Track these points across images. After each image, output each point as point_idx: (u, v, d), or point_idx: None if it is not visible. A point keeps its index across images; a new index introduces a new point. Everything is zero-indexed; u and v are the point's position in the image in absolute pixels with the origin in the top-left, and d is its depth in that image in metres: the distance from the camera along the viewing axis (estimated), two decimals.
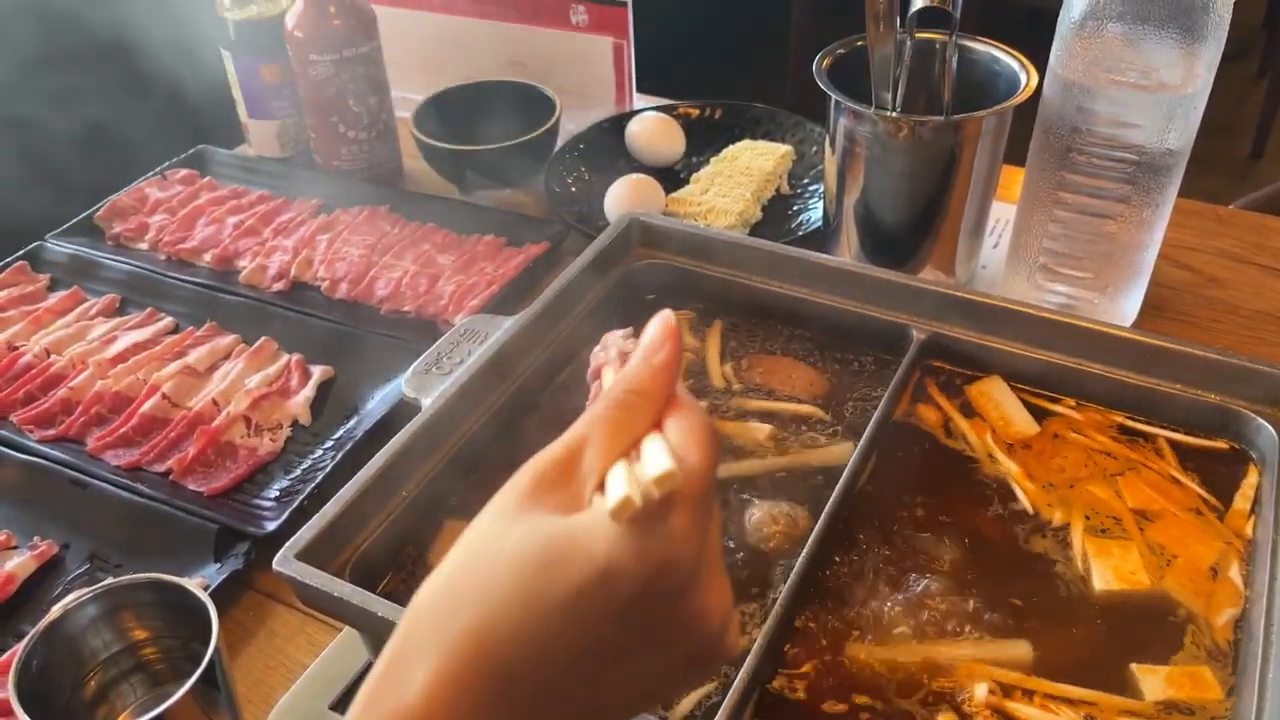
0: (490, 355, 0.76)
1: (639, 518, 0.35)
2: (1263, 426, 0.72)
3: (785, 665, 0.61)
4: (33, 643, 0.59)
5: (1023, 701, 0.59)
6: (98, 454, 0.86)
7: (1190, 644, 0.62)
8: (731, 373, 0.82)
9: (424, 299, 1.00)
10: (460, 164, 1.15)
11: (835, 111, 0.91)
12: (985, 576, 0.66)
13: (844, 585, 0.65)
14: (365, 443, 0.84)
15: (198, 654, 0.58)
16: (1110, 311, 0.91)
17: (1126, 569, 0.66)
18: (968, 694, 0.59)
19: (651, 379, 0.40)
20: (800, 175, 1.16)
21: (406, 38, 1.27)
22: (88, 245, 1.11)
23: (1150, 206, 0.85)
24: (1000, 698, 0.59)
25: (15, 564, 0.77)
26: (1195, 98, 0.80)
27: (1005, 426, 0.76)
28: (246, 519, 0.79)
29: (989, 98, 0.89)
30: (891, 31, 0.85)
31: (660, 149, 1.19)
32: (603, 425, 0.39)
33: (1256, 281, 1.00)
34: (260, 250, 1.09)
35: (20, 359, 0.96)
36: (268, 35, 1.14)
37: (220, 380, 0.93)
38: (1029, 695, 0.59)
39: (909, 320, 0.81)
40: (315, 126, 1.17)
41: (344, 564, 0.64)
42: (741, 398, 0.80)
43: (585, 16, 1.21)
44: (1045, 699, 0.59)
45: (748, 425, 0.77)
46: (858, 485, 0.71)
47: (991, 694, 0.59)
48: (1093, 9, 0.79)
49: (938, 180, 0.89)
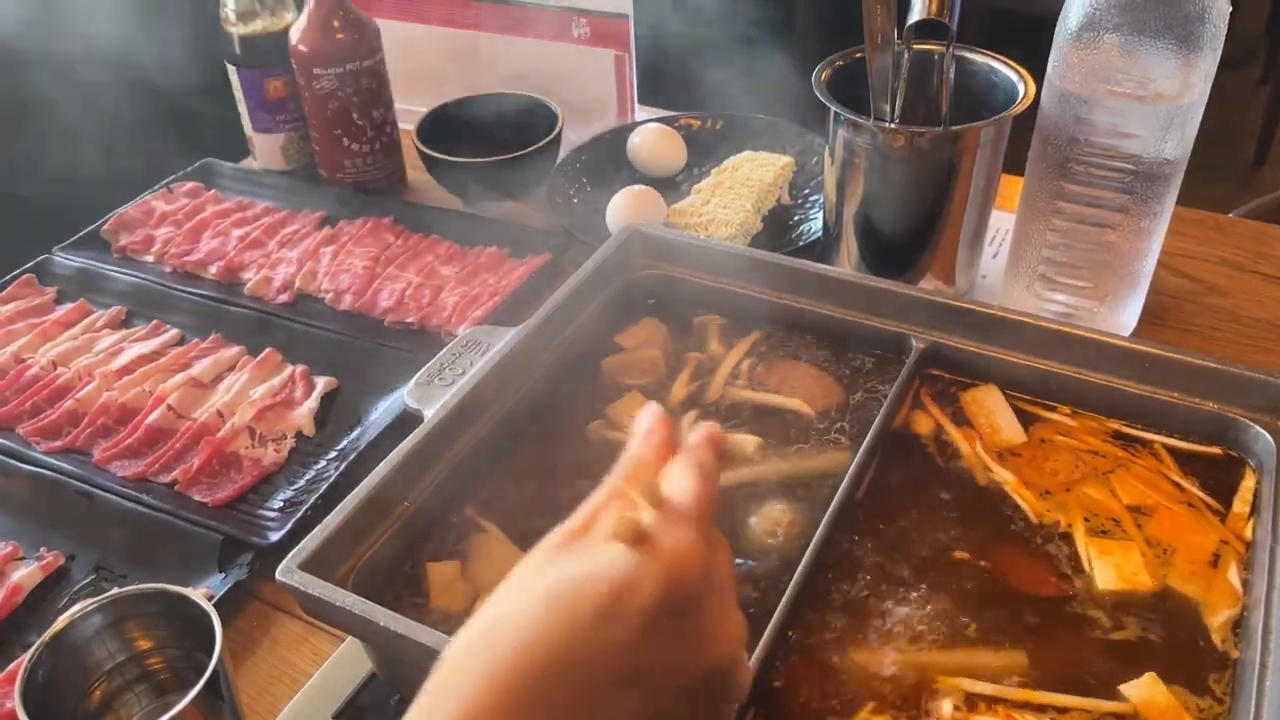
0: (492, 366, 0.77)
1: (642, 539, 0.38)
2: (1260, 434, 0.72)
3: (782, 675, 0.61)
4: (38, 653, 0.60)
5: (1018, 714, 0.59)
6: (103, 465, 0.87)
7: (1186, 650, 0.62)
8: (739, 377, 0.83)
9: (427, 310, 1.01)
10: (463, 176, 1.15)
11: (834, 123, 0.91)
12: (984, 586, 0.66)
13: (841, 595, 0.66)
14: (368, 453, 0.85)
15: (202, 664, 0.59)
16: (1110, 320, 0.91)
17: (1129, 570, 0.66)
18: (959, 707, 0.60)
19: (653, 454, 0.45)
20: (801, 186, 1.17)
21: (410, 51, 1.28)
22: (94, 258, 1.12)
23: (1149, 216, 0.85)
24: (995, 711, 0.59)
25: (22, 575, 0.77)
26: (1192, 108, 0.80)
27: (993, 434, 0.76)
28: (250, 529, 0.80)
29: (987, 108, 0.90)
30: (889, 43, 0.86)
31: (662, 160, 1.19)
32: (615, 494, 0.43)
33: (1256, 289, 1.01)
34: (265, 262, 1.09)
35: (27, 371, 0.97)
36: (272, 49, 1.15)
37: (225, 391, 0.94)
38: (1021, 708, 0.59)
39: (908, 329, 0.81)
40: (319, 139, 1.18)
41: (347, 574, 0.64)
42: (742, 398, 0.80)
43: (587, 29, 1.22)
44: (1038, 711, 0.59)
45: (735, 438, 0.77)
46: (856, 494, 0.71)
47: (987, 706, 0.59)
48: (1089, 20, 0.79)
49: (936, 191, 0.90)
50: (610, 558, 0.38)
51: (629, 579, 0.37)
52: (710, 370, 0.83)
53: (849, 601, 0.65)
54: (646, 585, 0.37)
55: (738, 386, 0.81)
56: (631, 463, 0.43)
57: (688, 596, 0.38)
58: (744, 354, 0.84)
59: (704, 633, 0.39)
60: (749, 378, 0.82)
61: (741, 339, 0.86)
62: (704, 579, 0.39)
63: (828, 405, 0.80)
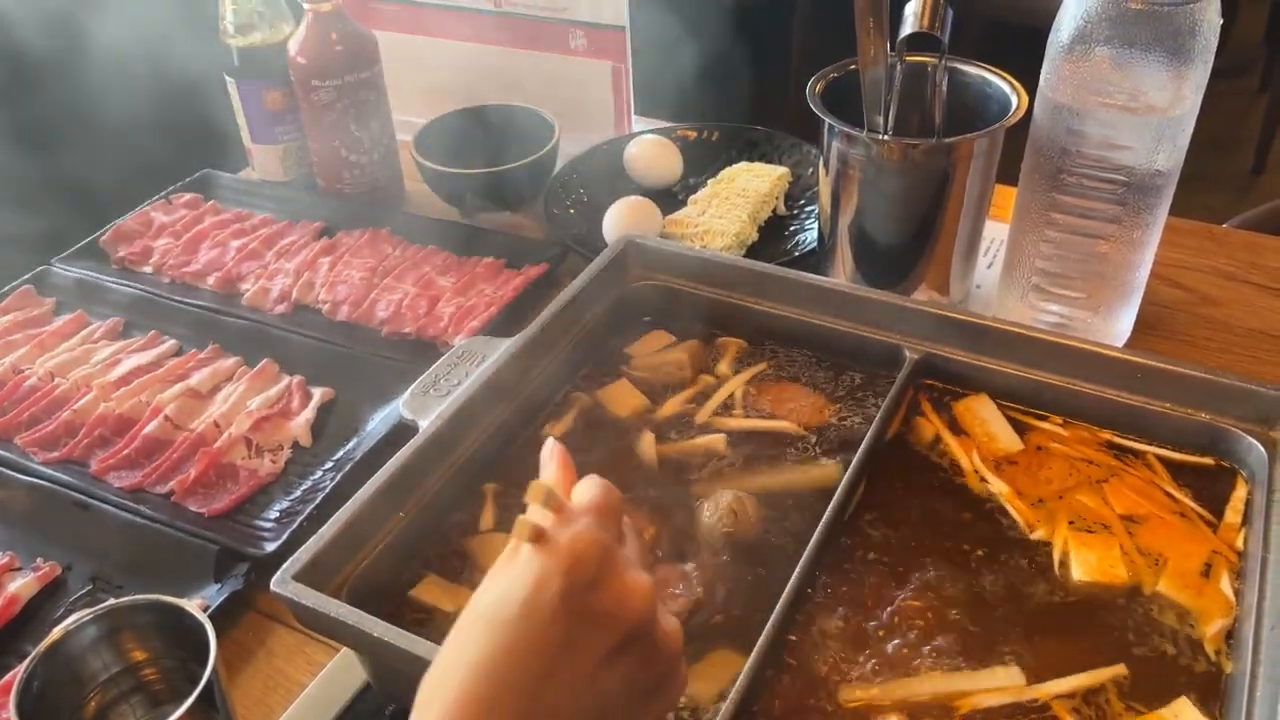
0: (487, 377, 0.77)
1: (540, 537, 0.45)
2: (1253, 445, 0.72)
3: (774, 692, 0.61)
4: (34, 664, 0.60)
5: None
6: (101, 476, 0.87)
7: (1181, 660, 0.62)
8: (732, 407, 0.83)
9: (424, 321, 1.01)
10: (461, 187, 1.16)
11: (829, 134, 0.92)
12: (977, 599, 0.66)
13: (834, 610, 0.66)
14: (365, 464, 0.85)
15: (197, 675, 0.59)
16: (1104, 330, 0.92)
17: (1106, 564, 0.67)
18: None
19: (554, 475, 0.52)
20: (797, 196, 1.17)
21: (408, 63, 1.29)
22: (93, 269, 1.13)
23: (1141, 226, 0.85)
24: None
25: (18, 585, 0.77)
26: (1183, 119, 0.81)
27: (989, 443, 0.76)
28: (246, 540, 0.80)
29: (981, 119, 0.91)
30: (882, 56, 0.86)
31: (658, 171, 1.20)
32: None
33: (1250, 299, 1.01)
34: (263, 273, 1.10)
35: (25, 382, 0.97)
36: (271, 61, 1.16)
37: (222, 402, 0.94)
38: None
39: (902, 340, 0.82)
40: (318, 150, 1.18)
41: (341, 585, 0.65)
42: (733, 418, 0.81)
43: (584, 41, 1.22)
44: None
45: (699, 441, 0.79)
46: (849, 506, 0.72)
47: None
48: (1081, 33, 0.80)
49: (930, 201, 0.90)
50: (519, 569, 0.45)
51: (538, 580, 0.44)
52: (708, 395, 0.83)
53: (838, 616, 0.65)
54: (552, 577, 0.44)
55: (730, 416, 0.81)
56: (533, 484, 0.48)
57: (590, 573, 0.45)
58: (742, 383, 0.84)
59: (615, 597, 0.45)
60: (742, 405, 0.82)
61: (747, 367, 0.85)
62: (602, 557, 0.45)
63: (822, 422, 0.80)
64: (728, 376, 0.84)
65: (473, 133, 1.20)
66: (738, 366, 0.86)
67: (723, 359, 0.86)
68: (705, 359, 0.87)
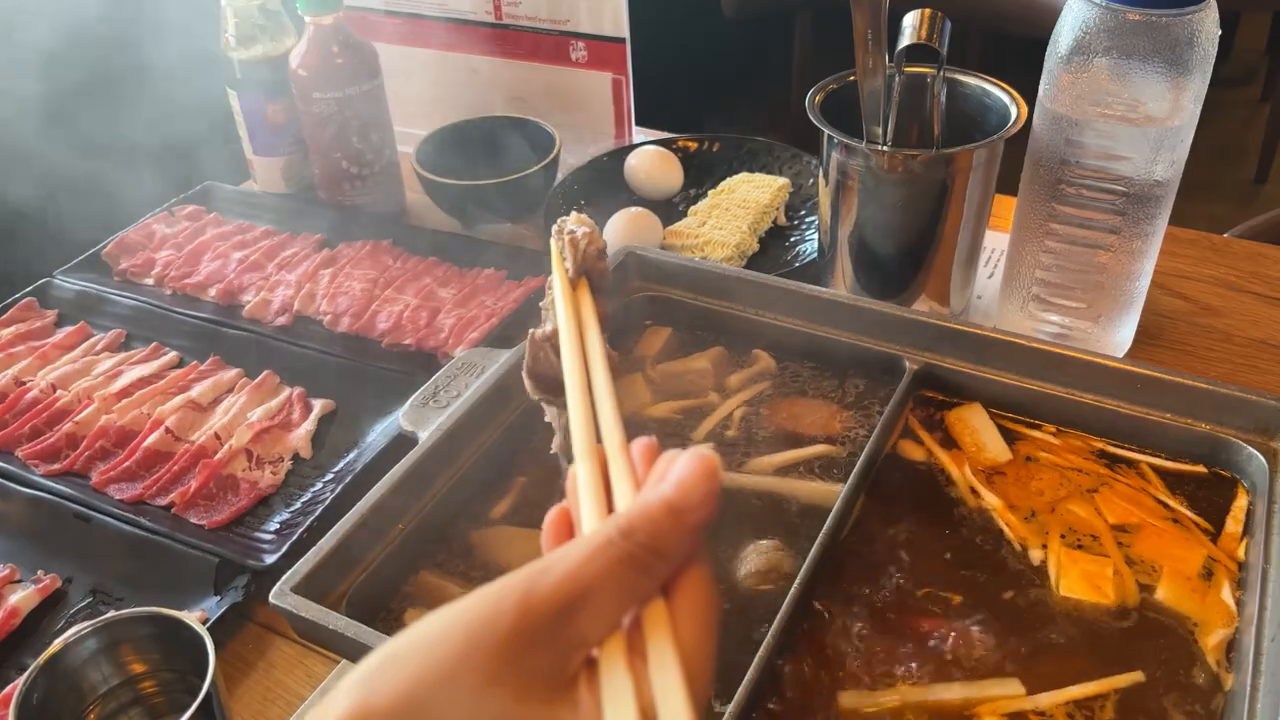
0: (486, 389, 0.77)
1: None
2: (1254, 455, 0.72)
3: (768, 707, 0.61)
4: (33, 676, 0.60)
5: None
6: (101, 488, 0.87)
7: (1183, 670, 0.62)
8: (730, 427, 0.83)
9: (425, 332, 1.01)
10: (462, 198, 1.16)
11: (828, 145, 0.92)
12: (973, 612, 0.66)
13: (831, 626, 0.66)
14: (365, 476, 0.85)
15: (196, 687, 0.59)
16: (1104, 341, 0.92)
17: (1096, 581, 0.66)
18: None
19: (678, 542, 0.35)
20: (797, 207, 1.17)
21: (409, 75, 1.29)
22: (95, 281, 1.13)
23: (1140, 236, 0.85)
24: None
25: (19, 598, 0.77)
26: (1182, 130, 0.81)
27: (978, 453, 0.76)
28: (246, 552, 0.80)
29: (981, 130, 0.91)
30: (881, 67, 0.86)
31: (659, 182, 1.20)
32: (610, 584, 0.34)
33: (1251, 309, 1.01)
34: (264, 285, 1.10)
35: (26, 394, 0.97)
36: (272, 74, 1.16)
37: (223, 414, 0.94)
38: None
39: (901, 351, 0.82)
40: (319, 163, 1.18)
41: (340, 597, 0.65)
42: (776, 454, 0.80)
43: (585, 52, 1.23)
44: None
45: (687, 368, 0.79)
46: (848, 521, 0.72)
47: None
48: (1079, 44, 0.80)
49: (930, 212, 0.90)
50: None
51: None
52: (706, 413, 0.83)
53: (835, 632, 0.65)
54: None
55: (761, 447, 0.80)
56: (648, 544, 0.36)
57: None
58: (740, 404, 0.83)
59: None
60: (739, 428, 0.81)
61: (746, 388, 0.85)
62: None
63: (821, 428, 0.80)
64: (735, 389, 0.84)
65: (473, 144, 1.21)
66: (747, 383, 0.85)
67: (740, 372, 0.86)
68: (727, 372, 0.86)
